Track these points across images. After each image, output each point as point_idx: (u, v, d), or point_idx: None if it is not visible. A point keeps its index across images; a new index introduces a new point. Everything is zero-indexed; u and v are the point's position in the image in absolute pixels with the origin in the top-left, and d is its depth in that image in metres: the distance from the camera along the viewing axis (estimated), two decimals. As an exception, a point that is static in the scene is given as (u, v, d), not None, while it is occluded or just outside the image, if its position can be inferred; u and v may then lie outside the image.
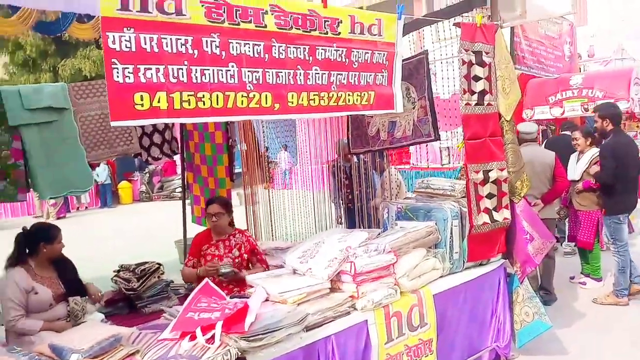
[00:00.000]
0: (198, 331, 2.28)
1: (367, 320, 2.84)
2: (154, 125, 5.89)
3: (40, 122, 4.48)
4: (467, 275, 3.45)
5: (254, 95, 2.39)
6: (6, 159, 4.34)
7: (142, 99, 2.03)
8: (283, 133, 14.34)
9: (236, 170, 6.05)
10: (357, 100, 2.91)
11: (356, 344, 2.78)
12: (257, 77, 2.40)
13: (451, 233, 3.40)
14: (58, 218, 12.52)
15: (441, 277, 3.32)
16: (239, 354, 2.25)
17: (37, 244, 3.24)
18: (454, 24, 3.55)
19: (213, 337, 2.25)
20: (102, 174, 14.19)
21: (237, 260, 3.64)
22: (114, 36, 1.94)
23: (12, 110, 4.30)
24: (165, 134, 6.11)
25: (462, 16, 3.69)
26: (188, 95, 2.16)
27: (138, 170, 16.13)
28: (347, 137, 4.88)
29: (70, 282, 3.34)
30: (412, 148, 10.93)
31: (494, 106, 3.57)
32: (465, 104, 3.42)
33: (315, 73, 2.64)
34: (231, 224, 3.89)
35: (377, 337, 2.85)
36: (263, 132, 7.37)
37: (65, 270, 3.36)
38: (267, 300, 2.67)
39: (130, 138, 5.67)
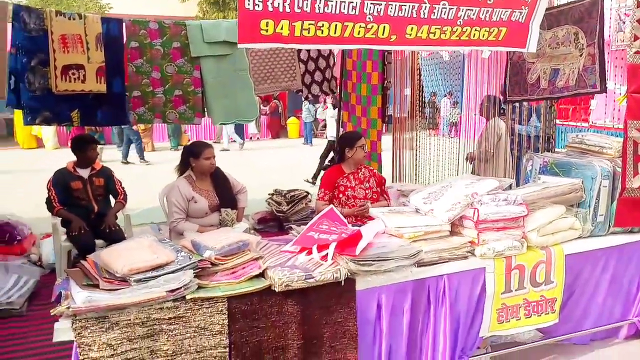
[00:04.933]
0: (314, 248, 2.51)
1: (485, 268, 2.82)
2: (316, 64, 6.20)
3: (217, 54, 5.03)
4: (610, 241, 3.18)
5: (372, 27, 2.46)
6: (187, 86, 4.97)
7: (267, 25, 2.25)
8: (450, 79, 13.88)
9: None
10: (484, 35, 2.78)
11: (470, 288, 2.80)
12: (379, 10, 2.44)
13: (598, 193, 3.13)
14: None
15: (580, 238, 3.11)
16: (349, 274, 2.44)
17: (187, 160, 3.77)
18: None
19: (327, 255, 2.47)
20: (307, 114, 15.54)
21: (367, 192, 3.87)
22: (250, -31, 2.14)
23: (194, 43, 4.89)
24: (325, 73, 6.39)
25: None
26: (309, 24, 2.32)
27: (305, 107, 17.09)
28: (504, 82, 4.63)
29: (225, 196, 3.83)
30: (593, 104, 9.86)
31: (674, 56, 3.10)
32: (635, 52, 3.03)
33: (442, 7, 2.58)
34: None
35: (494, 286, 2.83)
36: (428, 77, 7.31)
37: (221, 185, 3.86)
38: (384, 233, 2.80)
39: (294, 75, 6.06)
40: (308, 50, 5.99)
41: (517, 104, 5.08)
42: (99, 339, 2.02)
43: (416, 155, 6.11)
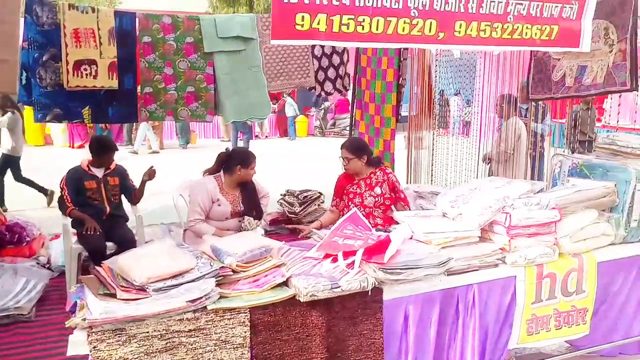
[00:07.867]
0: (340, 255, 2.39)
1: (516, 277, 2.69)
2: (330, 61, 6.04)
3: (230, 50, 4.89)
4: (643, 248, 3.04)
5: (418, 22, 2.31)
6: (200, 82, 4.85)
7: (302, 20, 2.11)
8: (460, 78, 13.69)
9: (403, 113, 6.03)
10: (536, 34, 2.64)
11: (500, 298, 2.67)
12: (424, 3, 2.30)
13: (632, 198, 3.00)
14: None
15: (612, 244, 2.97)
16: (376, 283, 2.32)
17: (235, 165, 3.65)
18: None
19: (353, 263, 2.35)
20: (290, 109, 15.38)
21: (377, 199, 3.61)
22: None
23: (207, 38, 4.75)
24: (339, 70, 6.24)
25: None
26: (348, 19, 2.18)
27: (314, 106, 16.91)
28: (527, 79, 4.49)
29: (250, 205, 3.73)
30: (607, 104, 9.68)
31: None
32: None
33: (491, 1, 2.44)
34: (372, 162, 3.76)
35: (525, 296, 2.70)
36: (439, 76, 7.17)
37: (248, 193, 3.75)
38: (411, 238, 2.68)
39: (308, 71, 5.92)
40: (322, 46, 5.86)
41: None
42: (116, 353, 1.90)
43: (432, 155, 5.97)
